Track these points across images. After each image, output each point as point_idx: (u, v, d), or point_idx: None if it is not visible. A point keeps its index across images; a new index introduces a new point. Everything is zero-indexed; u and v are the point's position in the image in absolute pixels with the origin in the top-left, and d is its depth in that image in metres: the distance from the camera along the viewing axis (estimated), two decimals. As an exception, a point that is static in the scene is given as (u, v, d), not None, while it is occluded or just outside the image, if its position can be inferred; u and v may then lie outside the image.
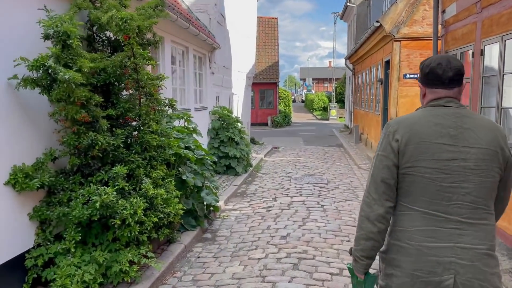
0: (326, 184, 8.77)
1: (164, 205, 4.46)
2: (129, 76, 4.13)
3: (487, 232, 1.73)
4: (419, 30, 10.61)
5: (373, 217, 1.79)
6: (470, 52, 5.74)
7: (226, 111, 10.23)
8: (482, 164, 1.70)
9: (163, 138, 4.91)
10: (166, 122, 6.91)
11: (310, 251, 4.83)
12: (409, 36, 10.57)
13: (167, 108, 5.23)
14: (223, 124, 10.02)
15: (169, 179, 4.79)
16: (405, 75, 10.67)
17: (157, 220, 4.28)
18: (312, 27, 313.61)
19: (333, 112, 34.24)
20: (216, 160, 9.60)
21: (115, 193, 3.69)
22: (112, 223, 3.74)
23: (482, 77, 5.32)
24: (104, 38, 4.61)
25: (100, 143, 3.75)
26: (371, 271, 1.95)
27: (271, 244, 5.11)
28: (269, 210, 6.75)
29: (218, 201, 6.23)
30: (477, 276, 1.68)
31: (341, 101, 37.55)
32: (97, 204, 3.50)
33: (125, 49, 4.12)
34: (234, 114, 12.86)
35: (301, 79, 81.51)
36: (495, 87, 5.13)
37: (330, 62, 77.70)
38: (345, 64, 21.82)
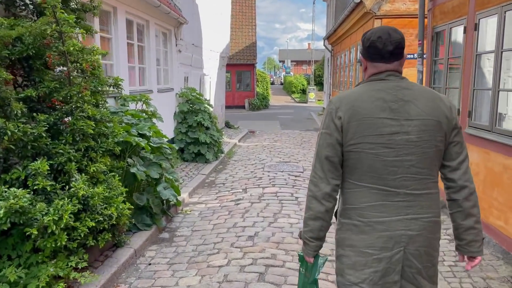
0: (302, 172, 8.13)
1: (105, 205, 3.71)
2: (53, 47, 3.30)
3: (432, 201, 1.75)
4: (402, 7, 9.95)
5: (320, 196, 1.76)
6: (462, 27, 5.10)
7: (195, 93, 9.40)
8: (424, 135, 1.69)
9: (109, 125, 4.12)
10: (121, 105, 6.10)
11: (280, 256, 4.18)
12: (391, 13, 9.90)
13: (112, 88, 4.42)
14: (191, 107, 9.20)
15: (112, 174, 4.02)
16: (386, 56, 10.03)
17: (94, 225, 3.53)
18: (291, 8, 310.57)
19: (312, 95, 33.67)
20: (183, 146, 8.85)
21: (28, 195, 2.91)
22: (29, 233, 2.97)
23: (476, 55, 4.69)
24: (28, 1, 3.74)
25: (10, 132, 2.94)
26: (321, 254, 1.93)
27: (236, 247, 4.43)
28: (238, 204, 6.06)
29: (178, 196, 5.50)
30: (423, 243, 1.72)
31: (319, 84, 37.04)
32: (1, 212, 2.72)
33: (46, 13, 3.27)
34: (206, 97, 12.05)
35: (280, 61, 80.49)
36: (489, 67, 4.52)
37: (309, 44, 77.02)
38: (324, 45, 21.10)
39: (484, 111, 4.68)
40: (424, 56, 6.35)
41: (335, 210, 1.88)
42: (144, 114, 6.13)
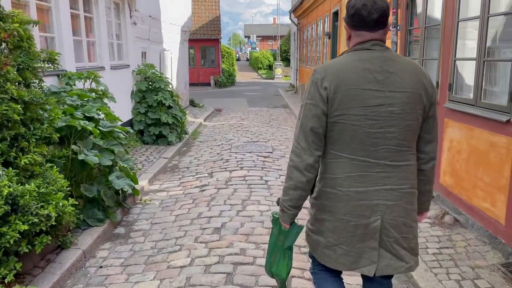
0: (271, 153, 7.70)
1: (41, 203, 3.12)
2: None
3: (410, 172, 1.79)
4: (371, -25, 9.52)
5: (302, 166, 1.76)
6: (441, -8, 4.69)
7: (154, 70, 8.68)
8: (407, 107, 1.70)
9: (48, 108, 3.48)
10: (66, 84, 5.39)
11: (250, 251, 3.74)
12: (360, -18, 9.46)
13: (47, 64, 3.75)
14: (151, 85, 8.49)
15: (50, 165, 3.41)
16: (355, 27, 9.61)
17: (28, 228, 2.96)
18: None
19: (278, 71, 33.14)
20: (143, 128, 8.21)
21: None
22: None
23: (458, 22, 4.30)
24: None
25: None
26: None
27: (200, 242, 3.95)
28: (203, 190, 5.57)
29: (135, 184, 4.93)
30: (400, 214, 1.78)
31: (286, 59, 36.54)
32: None
33: None
34: (167, 74, 11.31)
35: (245, 37, 79.13)
36: (472, 35, 4.16)
37: (274, 19, 75.91)
38: (290, 18, 20.49)
39: (466, 84, 4.34)
40: (398, 27, 5.95)
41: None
42: (93, 94, 5.45)
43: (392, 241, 1.79)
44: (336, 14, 10.70)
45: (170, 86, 8.91)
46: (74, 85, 5.46)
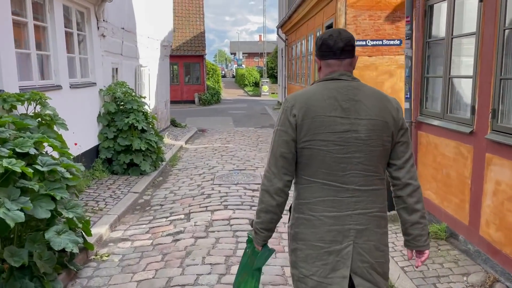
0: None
1: None
2: None
3: (378, 196, 1.82)
4: (369, -15, 8.66)
5: (272, 190, 1.82)
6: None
7: (126, 89, 7.59)
8: (372, 134, 1.76)
9: None
10: (1, 107, 4.27)
11: None
12: (357, -8, 8.59)
13: None
14: (121, 106, 7.39)
15: None
16: (352, 42, 8.71)
17: None
18: (240, 0, 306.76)
19: (265, 88, 32.33)
20: (111, 156, 7.08)
21: None
22: None
23: (504, 30, 3.34)
24: None
25: None
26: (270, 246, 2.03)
27: (166, 333, 2.82)
28: (177, 240, 4.44)
29: (81, 241, 3.79)
30: (371, 237, 1.79)
31: (272, 76, 35.89)
32: None
33: None
34: (145, 92, 10.22)
35: (231, 54, 78.75)
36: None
37: (260, 36, 75.80)
38: (277, 34, 19.70)
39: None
40: (410, 39, 5.01)
41: (289, 206, 1.95)
42: (37, 120, 4.32)
43: (367, 267, 1.79)
44: (329, 28, 9.80)
45: (146, 106, 7.82)
46: (15, 109, 4.35)
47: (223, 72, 61.99)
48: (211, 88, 27.14)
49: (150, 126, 7.72)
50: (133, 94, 7.63)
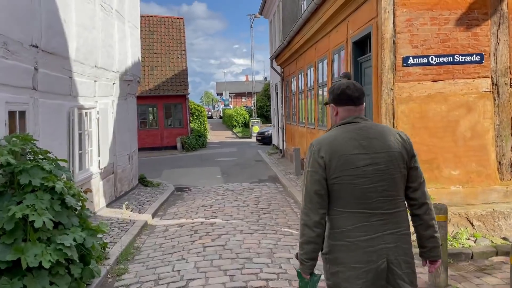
0: None
1: None
2: None
3: (401, 217, 2.13)
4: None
5: (311, 224, 2.09)
6: None
7: (29, 145, 4.18)
8: (390, 164, 2.08)
9: None
10: None
11: None
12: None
13: None
14: (10, 182, 3.95)
15: None
16: (406, 60, 5.54)
17: None
18: (225, 44, 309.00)
19: (256, 129, 29.12)
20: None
21: None
22: None
23: None
24: None
25: None
26: (316, 272, 2.20)
27: None
28: None
29: None
30: (400, 253, 2.09)
31: (262, 116, 33.00)
32: None
33: None
34: (89, 145, 6.81)
35: (218, 94, 76.51)
36: None
37: (247, 76, 74.06)
38: (271, 66, 16.75)
39: None
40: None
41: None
42: None
43: (397, 278, 2.08)
44: (362, 43, 6.69)
45: (64, 176, 4.40)
46: None
47: (210, 113, 59.18)
48: (196, 131, 23.91)
49: (72, 212, 4.27)
50: (40, 156, 4.21)
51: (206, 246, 5.61)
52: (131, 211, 7.85)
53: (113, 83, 8.59)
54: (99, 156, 7.59)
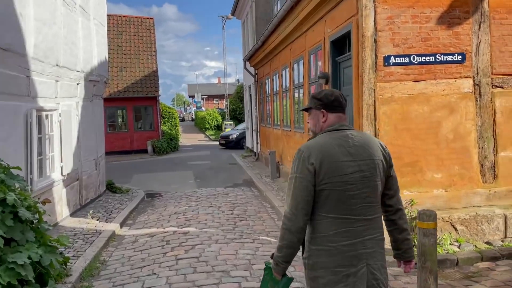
0: None
1: None
2: None
3: (379, 223, 2.21)
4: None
5: (294, 229, 2.12)
6: None
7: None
8: (374, 171, 2.16)
9: None
10: None
11: None
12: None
13: None
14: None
15: None
16: (387, 59, 5.33)
17: None
18: (196, 47, 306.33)
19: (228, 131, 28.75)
20: None
21: None
22: None
23: None
24: None
25: None
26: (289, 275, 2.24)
27: None
28: None
29: None
30: (379, 258, 2.18)
31: (235, 118, 32.62)
32: None
33: None
34: (51, 150, 6.29)
35: (189, 96, 75.55)
36: None
37: (219, 78, 73.37)
38: (245, 68, 16.42)
39: None
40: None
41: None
42: None
43: (380, 282, 2.14)
44: (339, 42, 6.46)
45: (22, 184, 3.92)
46: None
47: (182, 116, 58.30)
48: (167, 134, 23.27)
49: (29, 226, 3.80)
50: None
51: (179, 258, 5.20)
52: (98, 220, 7.33)
53: (78, 84, 8.04)
54: (61, 161, 7.03)
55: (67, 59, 7.32)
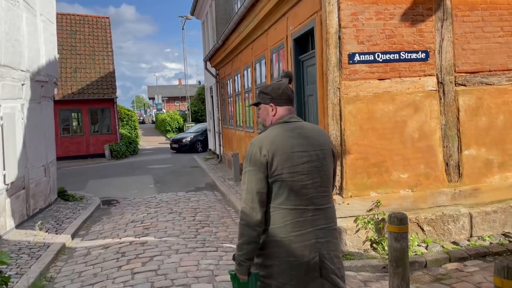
0: None
1: None
2: None
3: (332, 212, 2.25)
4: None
5: (253, 223, 2.10)
6: None
7: None
8: (323, 161, 2.20)
9: None
10: None
11: None
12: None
13: None
14: None
15: None
16: (352, 56, 5.16)
17: None
18: (155, 48, 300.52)
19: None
20: None
21: None
22: None
23: None
24: None
25: None
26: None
27: None
28: None
29: None
30: (332, 248, 2.19)
31: (196, 120, 32.04)
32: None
33: None
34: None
35: (150, 99, 73.84)
36: None
37: (180, 80, 72.09)
38: (206, 68, 16.02)
39: None
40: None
41: None
42: None
43: (330, 272, 2.15)
44: (302, 40, 6.26)
45: None
46: None
47: (142, 118, 56.88)
48: (126, 137, 22.43)
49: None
50: None
51: (135, 272, 4.79)
52: (46, 231, 6.74)
53: (23, 84, 7.40)
54: (4, 169, 6.41)
55: (10, 57, 6.70)
